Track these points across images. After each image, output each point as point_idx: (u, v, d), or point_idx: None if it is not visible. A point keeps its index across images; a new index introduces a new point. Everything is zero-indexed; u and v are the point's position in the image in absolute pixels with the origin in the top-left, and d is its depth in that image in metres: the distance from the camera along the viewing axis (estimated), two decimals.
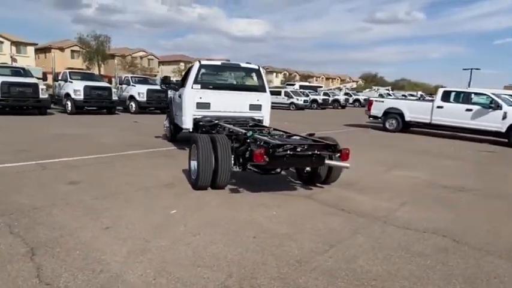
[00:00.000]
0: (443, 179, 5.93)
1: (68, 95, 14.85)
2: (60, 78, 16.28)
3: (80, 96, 14.63)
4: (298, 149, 4.02)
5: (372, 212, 4.02)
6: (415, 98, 34.10)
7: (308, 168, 4.85)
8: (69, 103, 14.78)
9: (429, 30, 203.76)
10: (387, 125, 13.46)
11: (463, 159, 8.30)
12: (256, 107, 6.73)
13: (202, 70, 6.48)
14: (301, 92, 31.87)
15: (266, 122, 6.91)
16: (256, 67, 6.92)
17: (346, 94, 39.53)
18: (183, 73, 6.82)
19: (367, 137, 11.95)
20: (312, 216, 3.81)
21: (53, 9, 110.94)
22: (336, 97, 35.42)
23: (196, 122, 6.29)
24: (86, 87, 14.77)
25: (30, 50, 43.65)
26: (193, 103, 6.27)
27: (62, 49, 46.93)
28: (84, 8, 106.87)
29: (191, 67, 6.55)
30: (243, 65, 6.87)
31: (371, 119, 14.37)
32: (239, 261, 2.69)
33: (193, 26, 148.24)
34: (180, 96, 6.58)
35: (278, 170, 4.80)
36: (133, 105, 16.79)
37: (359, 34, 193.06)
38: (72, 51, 46.10)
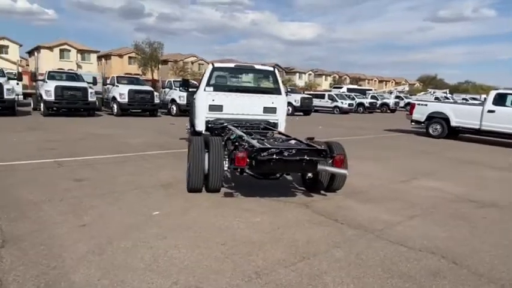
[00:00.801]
0: (475, 192, 5.28)
1: (114, 98, 15.86)
2: (108, 82, 17.47)
3: (125, 99, 15.53)
4: (285, 154, 3.81)
5: (368, 224, 3.69)
6: (473, 102, 31.32)
7: (310, 175, 4.60)
8: (115, 106, 15.78)
9: (499, 28, 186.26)
10: (430, 131, 12.43)
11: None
12: (270, 110, 6.58)
13: (216, 73, 6.49)
14: (346, 95, 30.86)
15: (281, 126, 6.72)
16: (271, 69, 6.77)
17: (397, 97, 37.44)
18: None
19: (404, 143, 11.15)
20: (296, 225, 3.58)
21: (118, 20, 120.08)
22: (384, 100, 33.73)
23: (208, 125, 6.31)
24: (130, 91, 15.64)
25: (93, 57, 47.56)
26: (206, 105, 6.30)
27: (120, 56, 50.50)
28: (146, 18, 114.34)
29: (206, 70, 6.60)
30: (257, 66, 6.76)
31: (413, 124, 13.40)
32: (193, 268, 2.59)
33: (246, 31, 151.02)
34: (195, 99, 6.66)
35: (278, 175, 4.62)
36: (174, 108, 17.44)
37: (419, 34, 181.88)
38: (130, 57, 49.31)
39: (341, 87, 38.97)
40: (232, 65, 6.99)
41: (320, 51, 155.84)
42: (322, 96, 29.27)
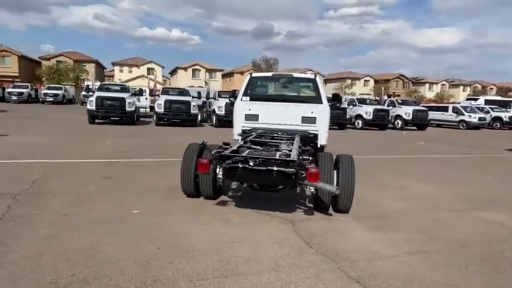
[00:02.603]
0: None
1: (214, 111, 17.35)
2: (211, 96, 19.24)
3: (222, 111, 16.74)
4: (251, 163, 3.49)
5: (344, 254, 3.07)
6: None
7: (312, 190, 4.10)
8: (214, 117, 17.24)
9: None
10: None
11: None
12: (309, 120, 6.12)
13: (253, 82, 6.44)
14: (479, 107, 26.16)
15: (322, 138, 6.17)
16: (312, 76, 6.30)
17: None
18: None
19: None
20: (258, 241, 3.26)
21: (250, 41, 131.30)
22: None
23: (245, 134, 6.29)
24: (227, 104, 16.76)
25: (219, 75, 53.18)
26: (242, 115, 6.32)
27: (241, 73, 54.86)
28: (275, 37, 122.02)
29: (245, 79, 6.62)
30: (295, 75, 6.40)
31: None
32: (100, 263, 2.65)
33: (375, 42, 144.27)
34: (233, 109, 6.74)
35: (280, 186, 4.27)
36: None
37: None
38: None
39: (477, 99, 33.21)
40: (270, 74, 6.84)
41: (463, 58, 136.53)
42: (445, 109, 25.53)
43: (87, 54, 50.40)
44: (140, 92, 17.96)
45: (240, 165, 3.51)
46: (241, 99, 6.35)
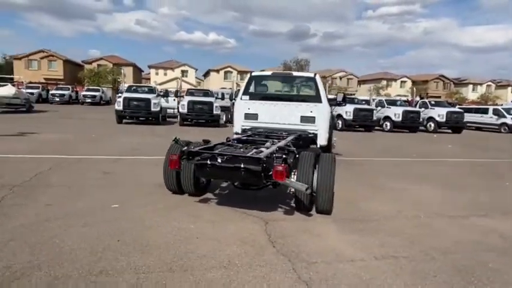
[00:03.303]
0: None
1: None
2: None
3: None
4: (219, 160, 3.45)
5: (306, 256, 2.96)
6: None
7: (293, 190, 4.00)
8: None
9: None
10: None
11: None
12: (308, 119, 5.98)
13: (254, 81, 6.41)
14: None
15: (322, 138, 6.01)
16: (311, 75, 6.14)
17: None
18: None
19: None
20: (222, 238, 3.23)
21: (286, 43, 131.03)
22: None
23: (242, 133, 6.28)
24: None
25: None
26: (242, 114, 6.31)
27: None
28: (311, 38, 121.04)
29: (246, 79, 6.60)
30: (295, 73, 6.28)
31: None
32: (59, 252, 2.75)
33: (416, 42, 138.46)
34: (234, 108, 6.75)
35: (267, 184, 4.15)
36: (340, 123, 17.67)
37: None
38: None
39: None
40: (269, 73, 6.75)
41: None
42: (484, 111, 23.95)
43: (128, 58, 52.93)
44: (166, 94, 18.47)
45: (208, 161, 3.50)
46: (241, 98, 6.35)
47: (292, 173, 3.74)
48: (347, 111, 18.12)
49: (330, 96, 6.88)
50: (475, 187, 5.99)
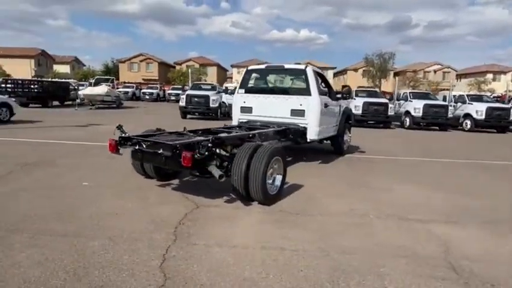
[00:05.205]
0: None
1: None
2: None
3: (359, 111, 16.00)
4: (144, 145, 3.69)
5: (197, 239, 3.10)
6: None
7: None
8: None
9: None
10: None
11: None
12: (298, 113, 5.82)
13: (250, 75, 6.46)
14: None
15: (313, 131, 5.79)
16: (302, 67, 5.91)
17: None
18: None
19: None
20: (136, 218, 3.55)
21: (383, 35, 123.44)
22: None
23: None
24: (364, 103, 16.16)
25: (330, 73, 52.10)
26: (238, 107, 6.47)
27: (356, 70, 52.47)
28: (412, 29, 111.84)
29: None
30: (287, 66, 6.10)
31: None
32: (5, 213, 3.42)
33: None
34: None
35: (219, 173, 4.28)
36: (408, 120, 16.80)
37: None
38: (364, 71, 50.37)
39: None
40: (263, 66, 6.67)
41: None
42: None
43: (221, 58, 56.59)
44: (226, 90, 19.42)
45: (137, 147, 3.83)
46: (238, 92, 6.53)
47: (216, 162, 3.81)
48: (415, 107, 16.53)
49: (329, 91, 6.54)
50: (480, 192, 5.12)
